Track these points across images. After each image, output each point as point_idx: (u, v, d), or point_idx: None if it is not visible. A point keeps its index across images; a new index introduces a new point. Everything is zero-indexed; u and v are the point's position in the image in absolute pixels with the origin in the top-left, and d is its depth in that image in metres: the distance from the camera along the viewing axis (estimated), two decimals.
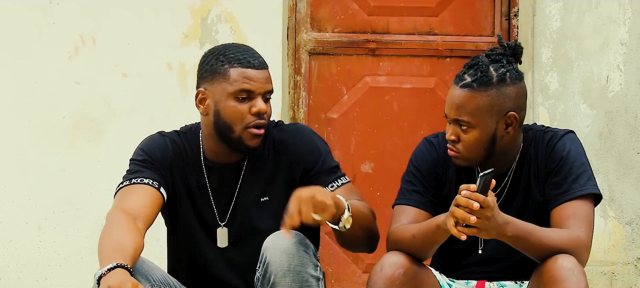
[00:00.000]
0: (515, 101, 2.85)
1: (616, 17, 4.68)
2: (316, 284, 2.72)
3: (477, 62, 2.87)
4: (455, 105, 2.84)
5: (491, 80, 2.83)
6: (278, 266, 2.68)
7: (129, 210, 2.77)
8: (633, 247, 4.65)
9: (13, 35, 4.65)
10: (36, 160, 4.66)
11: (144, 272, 2.75)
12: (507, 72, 2.85)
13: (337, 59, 4.86)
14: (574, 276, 2.68)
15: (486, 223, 2.64)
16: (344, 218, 2.70)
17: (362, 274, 4.82)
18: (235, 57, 2.85)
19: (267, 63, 2.90)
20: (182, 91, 4.67)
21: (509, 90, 2.84)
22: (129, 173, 2.91)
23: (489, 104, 2.83)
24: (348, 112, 4.87)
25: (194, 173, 2.96)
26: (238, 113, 2.84)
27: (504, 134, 2.86)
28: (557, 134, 2.94)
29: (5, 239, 4.67)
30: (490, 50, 2.91)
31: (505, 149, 2.89)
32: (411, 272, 2.79)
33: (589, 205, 2.86)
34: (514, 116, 2.85)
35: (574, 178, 2.86)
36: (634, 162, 4.65)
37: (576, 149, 2.92)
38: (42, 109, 4.66)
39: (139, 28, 4.67)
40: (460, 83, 2.85)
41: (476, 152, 2.87)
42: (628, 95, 4.66)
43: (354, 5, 4.85)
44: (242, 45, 2.93)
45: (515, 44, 2.92)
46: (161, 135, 3.00)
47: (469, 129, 2.84)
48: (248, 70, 2.83)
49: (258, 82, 2.83)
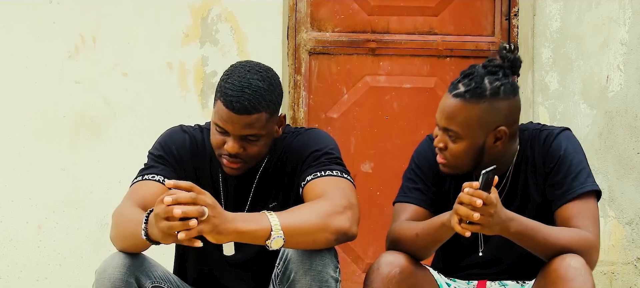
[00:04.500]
0: (507, 116, 2.83)
1: (616, 17, 4.68)
2: (335, 285, 2.71)
3: (472, 72, 2.84)
4: (446, 114, 2.83)
5: (484, 93, 2.80)
6: (299, 264, 2.66)
7: (138, 204, 2.78)
8: (633, 247, 4.65)
9: (13, 35, 4.66)
10: (36, 160, 4.66)
11: (145, 269, 2.75)
12: (501, 85, 2.82)
13: (337, 58, 4.86)
14: (581, 276, 2.68)
15: (489, 220, 2.65)
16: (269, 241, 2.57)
17: (362, 274, 4.82)
18: (226, 90, 2.77)
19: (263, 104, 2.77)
20: (182, 91, 4.67)
21: (501, 104, 2.82)
22: (143, 169, 2.92)
23: (480, 117, 2.81)
24: (348, 112, 4.87)
25: (209, 175, 2.96)
26: (214, 141, 2.84)
27: (492, 147, 2.84)
28: (553, 132, 2.93)
29: (6, 238, 4.67)
30: (488, 61, 2.88)
31: (496, 158, 2.87)
32: (408, 271, 2.80)
33: (592, 202, 2.86)
34: (504, 131, 2.83)
35: (574, 176, 2.86)
36: (634, 162, 4.65)
37: (573, 146, 2.91)
38: (42, 108, 4.66)
39: (139, 27, 4.67)
40: (453, 92, 2.83)
41: (463, 162, 2.86)
42: (628, 95, 4.66)
43: (354, 4, 4.85)
44: (245, 77, 2.80)
45: (515, 57, 2.88)
46: (182, 129, 2.99)
47: (457, 139, 2.83)
48: (226, 110, 2.77)
49: (233, 124, 2.77)
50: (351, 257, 4.86)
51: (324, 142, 2.91)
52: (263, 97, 2.77)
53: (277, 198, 2.93)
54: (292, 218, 2.59)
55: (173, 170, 2.90)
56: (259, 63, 2.86)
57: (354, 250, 4.85)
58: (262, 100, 2.77)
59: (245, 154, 2.81)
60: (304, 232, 2.60)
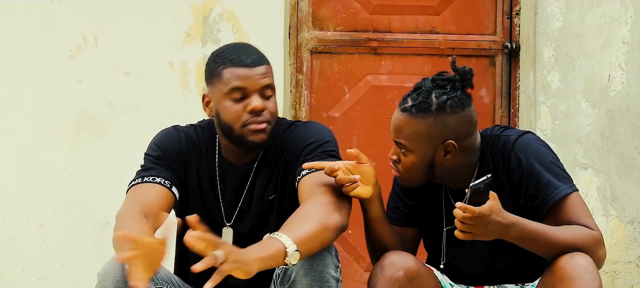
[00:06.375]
0: (456, 130, 2.81)
1: (618, 16, 4.67)
2: (336, 285, 2.72)
3: (420, 86, 2.85)
4: (395, 127, 2.87)
5: (430, 108, 2.80)
6: (300, 264, 2.65)
7: (139, 209, 2.77)
8: (635, 246, 4.65)
9: (15, 34, 4.66)
10: (38, 159, 4.66)
11: None
12: (448, 99, 2.80)
13: (339, 57, 4.86)
14: (588, 274, 2.68)
15: (482, 230, 2.66)
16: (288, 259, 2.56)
17: (364, 273, 4.82)
18: (229, 57, 2.83)
19: (266, 58, 2.86)
20: (183, 90, 4.68)
21: (448, 119, 2.80)
22: (141, 170, 2.90)
23: (426, 131, 2.81)
24: (350, 111, 4.87)
25: (207, 170, 2.96)
26: (234, 113, 2.83)
27: (443, 160, 2.84)
28: (509, 141, 2.88)
29: (7, 238, 4.67)
30: (437, 74, 2.87)
31: (451, 171, 2.87)
32: (412, 272, 2.79)
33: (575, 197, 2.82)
34: (453, 144, 2.81)
35: (546, 184, 2.81)
36: (636, 161, 4.65)
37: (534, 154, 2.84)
38: (43, 107, 4.67)
39: (140, 27, 4.68)
40: (402, 106, 2.85)
41: (414, 175, 2.87)
42: (630, 94, 4.66)
43: (355, 4, 4.85)
44: (240, 44, 2.92)
45: (464, 70, 2.85)
46: (176, 129, 2.99)
47: (407, 152, 2.85)
48: (239, 69, 2.80)
49: (251, 79, 2.81)
50: (353, 256, 4.86)
51: (320, 134, 2.92)
52: (261, 51, 2.87)
53: (275, 191, 2.93)
54: (298, 231, 2.60)
55: (172, 170, 2.90)
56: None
57: (355, 250, 4.85)
58: (262, 54, 2.86)
59: (268, 112, 2.83)
60: (311, 238, 2.61)
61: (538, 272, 2.91)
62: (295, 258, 2.56)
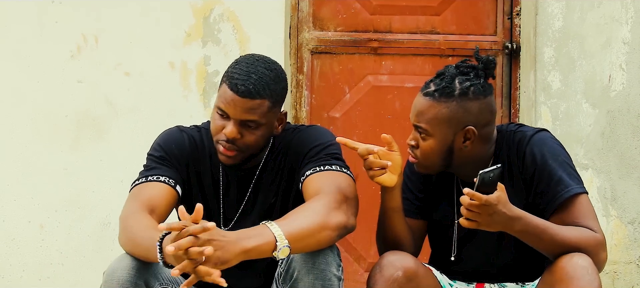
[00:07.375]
0: (477, 116, 2.85)
1: (618, 16, 4.67)
2: (338, 284, 2.73)
3: (444, 72, 2.89)
4: (416, 111, 2.88)
5: (453, 93, 2.83)
6: (302, 263, 2.67)
7: (145, 207, 2.78)
8: (635, 246, 4.65)
9: (15, 34, 4.66)
10: (38, 159, 4.66)
11: (154, 271, 2.75)
12: (471, 86, 2.84)
13: (340, 58, 4.86)
14: (588, 274, 2.69)
15: (488, 219, 2.68)
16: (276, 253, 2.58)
17: (364, 273, 4.82)
18: (232, 74, 2.82)
19: (265, 91, 2.80)
20: (184, 90, 4.68)
21: (470, 104, 2.84)
22: (145, 170, 2.91)
23: (448, 116, 2.84)
24: (350, 111, 4.87)
25: (209, 172, 2.97)
26: (214, 126, 2.85)
27: (462, 147, 2.86)
28: (525, 136, 2.91)
29: (8, 238, 4.67)
30: (461, 61, 2.91)
31: (468, 160, 2.89)
32: (411, 272, 2.80)
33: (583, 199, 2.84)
34: (473, 131, 2.84)
35: (557, 181, 2.83)
36: (636, 161, 4.65)
37: (549, 150, 2.87)
38: (44, 107, 4.67)
39: (141, 27, 4.68)
40: (424, 90, 2.88)
41: (432, 161, 2.89)
42: (630, 94, 4.66)
43: (356, 4, 4.85)
44: (253, 64, 2.84)
45: (488, 59, 2.89)
46: (179, 130, 3.00)
47: (427, 137, 2.86)
48: (229, 92, 2.79)
49: (234, 107, 2.79)
50: (353, 256, 4.86)
51: (323, 138, 2.93)
52: (268, 85, 2.81)
53: (277, 195, 2.94)
54: (293, 225, 2.60)
55: (175, 170, 2.91)
56: (268, 57, 2.90)
57: (356, 250, 4.85)
58: (267, 88, 2.80)
59: (242, 142, 2.82)
60: (307, 235, 2.61)
61: (539, 272, 2.91)
62: (284, 253, 2.56)
